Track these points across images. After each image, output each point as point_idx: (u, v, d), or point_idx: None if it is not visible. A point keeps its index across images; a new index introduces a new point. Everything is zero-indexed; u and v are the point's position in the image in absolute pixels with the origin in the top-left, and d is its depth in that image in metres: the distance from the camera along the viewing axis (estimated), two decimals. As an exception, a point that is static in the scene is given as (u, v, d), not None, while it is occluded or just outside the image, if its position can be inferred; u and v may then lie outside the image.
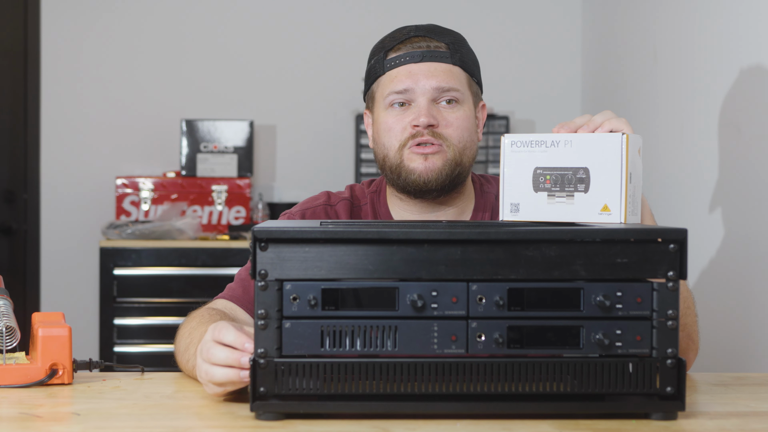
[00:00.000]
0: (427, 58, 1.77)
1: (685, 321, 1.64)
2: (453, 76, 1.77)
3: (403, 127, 1.76)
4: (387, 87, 1.78)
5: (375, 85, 1.82)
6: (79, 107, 4.23)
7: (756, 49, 2.48)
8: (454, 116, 1.77)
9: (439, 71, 1.76)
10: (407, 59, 1.77)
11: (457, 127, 1.76)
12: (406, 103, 1.77)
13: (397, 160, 1.77)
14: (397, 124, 1.77)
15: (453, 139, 1.76)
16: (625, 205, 1.46)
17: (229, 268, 3.69)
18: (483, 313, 1.30)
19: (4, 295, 1.59)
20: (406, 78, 1.76)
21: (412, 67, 1.77)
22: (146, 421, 1.31)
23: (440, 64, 1.77)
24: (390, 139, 1.78)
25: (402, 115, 1.77)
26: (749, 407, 1.40)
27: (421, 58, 1.77)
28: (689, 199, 2.92)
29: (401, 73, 1.77)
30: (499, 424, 1.28)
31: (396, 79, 1.77)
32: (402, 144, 1.76)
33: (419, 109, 1.75)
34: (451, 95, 1.76)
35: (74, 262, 4.22)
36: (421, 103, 1.76)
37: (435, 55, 1.77)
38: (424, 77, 1.76)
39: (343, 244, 1.29)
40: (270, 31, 4.29)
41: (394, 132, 1.77)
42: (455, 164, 1.76)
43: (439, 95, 1.76)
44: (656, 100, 3.26)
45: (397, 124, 1.77)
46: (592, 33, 4.14)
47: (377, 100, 1.81)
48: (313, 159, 4.31)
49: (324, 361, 1.29)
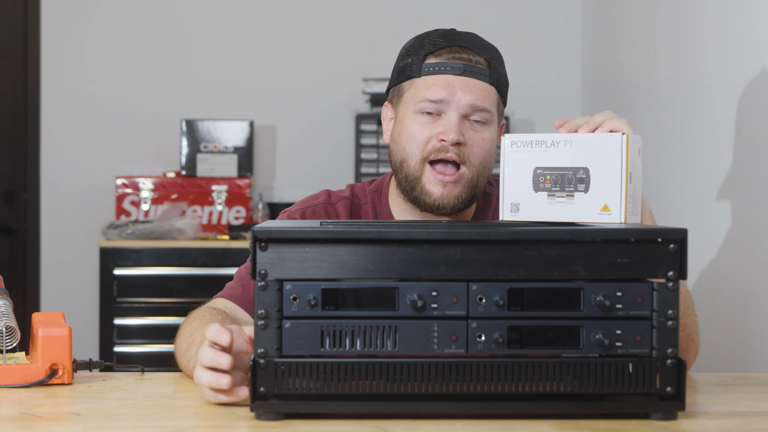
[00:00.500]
0: (468, 72, 1.73)
1: (685, 321, 1.64)
2: (488, 95, 1.74)
3: (428, 138, 1.73)
4: (421, 92, 1.74)
5: (407, 84, 1.77)
6: (79, 107, 4.23)
7: (756, 49, 2.48)
8: (481, 137, 1.74)
9: (476, 88, 1.73)
10: (447, 69, 1.73)
11: (482, 149, 1.74)
12: (436, 113, 1.74)
13: (416, 173, 1.74)
14: (422, 134, 1.74)
15: (476, 160, 1.74)
16: (625, 205, 1.46)
17: (229, 268, 3.69)
18: (483, 313, 1.29)
19: (4, 295, 1.59)
20: (444, 88, 1.72)
21: (451, 79, 1.73)
22: (146, 421, 1.31)
23: (478, 81, 1.74)
24: (412, 148, 1.75)
25: (430, 125, 1.74)
26: (749, 407, 1.40)
27: (461, 71, 1.73)
28: (689, 199, 2.92)
29: (439, 82, 1.73)
30: (499, 424, 1.28)
31: (433, 86, 1.73)
32: (424, 157, 1.74)
33: (450, 124, 1.72)
34: (483, 116, 1.74)
35: (74, 262, 4.22)
36: (453, 117, 1.72)
37: (475, 71, 1.74)
38: (462, 92, 1.72)
39: (343, 244, 1.29)
40: (270, 31, 4.29)
41: (417, 141, 1.74)
42: (472, 187, 1.74)
43: (471, 112, 1.73)
44: (656, 100, 3.26)
45: (422, 133, 1.74)
46: (592, 33, 4.14)
47: (406, 101, 1.77)
48: (313, 159, 4.31)
49: (324, 361, 1.29)
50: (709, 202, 2.75)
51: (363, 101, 4.22)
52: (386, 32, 4.25)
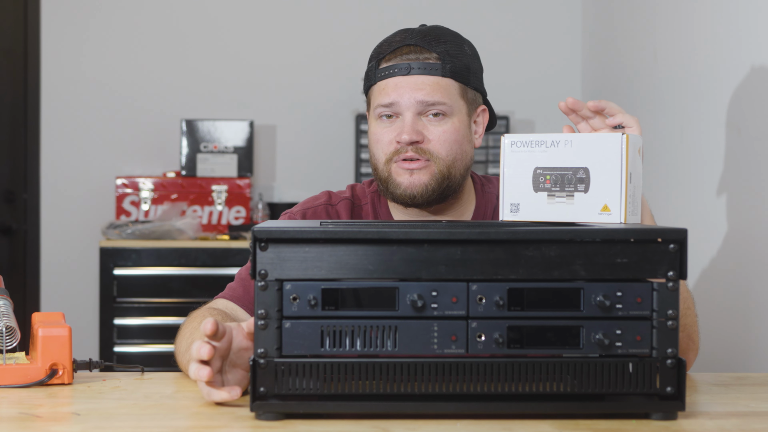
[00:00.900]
0: (415, 70, 1.75)
1: (685, 321, 1.64)
2: (440, 88, 1.75)
3: (389, 140, 1.77)
4: (377, 98, 1.78)
5: (369, 92, 1.82)
6: (79, 107, 4.24)
7: (756, 48, 2.48)
8: (441, 130, 1.75)
9: (425, 84, 1.75)
10: (395, 71, 1.76)
11: (444, 141, 1.75)
12: (394, 115, 1.77)
13: (385, 173, 1.77)
14: (384, 137, 1.77)
15: (440, 153, 1.75)
16: (625, 205, 1.46)
17: (229, 268, 3.69)
18: (483, 313, 1.30)
19: (4, 295, 1.59)
20: (393, 91, 1.75)
21: (399, 80, 1.75)
22: (146, 421, 1.31)
23: (427, 77, 1.75)
24: (377, 151, 1.78)
25: (389, 128, 1.77)
26: (749, 407, 1.40)
27: (408, 71, 1.75)
28: (689, 199, 2.92)
29: (389, 85, 1.76)
30: (499, 424, 1.28)
31: (383, 91, 1.77)
32: (388, 158, 1.77)
33: (403, 124, 1.75)
34: (438, 108, 1.75)
35: (74, 262, 4.22)
36: (407, 118, 1.75)
37: (423, 67, 1.75)
38: (410, 91, 1.74)
39: (343, 244, 1.29)
40: (270, 31, 4.29)
41: (381, 144, 1.78)
42: (443, 178, 1.75)
43: (425, 108, 1.75)
44: (656, 100, 3.26)
45: (384, 136, 1.77)
46: (592, 33, 4.14)
47: (370, 108, 1.82)
48: (313, 159, 4.31)
49: (324, 361, 1.29)
50: (709, 202, 2.75)
51: (363, 101, 4.22)
52: (386, 32, 4.23)
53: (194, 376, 1.35)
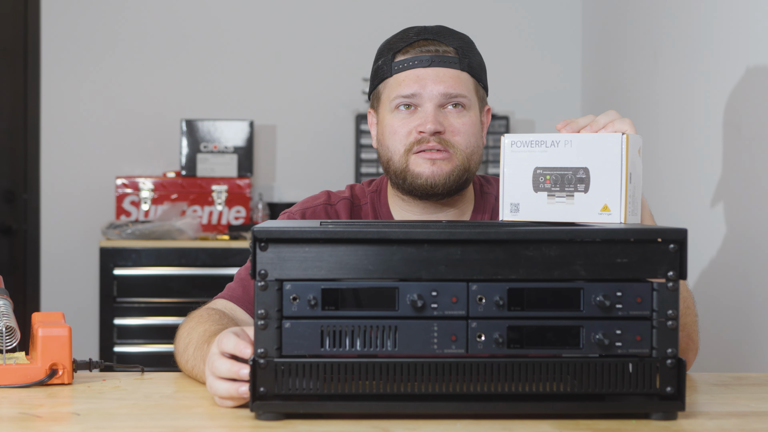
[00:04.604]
0: (436, 63, 1.76)
1: (685, 321, 1.64)
2: (461, 81, 1.76)
3: (408, 131, 1.76)
4: (394, 90, 1.77)
5: (382, 86, 1.81)
6: (79, 107, 4.24)
7: (756, 48, 2.48)
8: (461, 122, 1.76)
9: (447, 77, 1.76)
10: (415, 63, 1.76)
11: (464, 133, 1.76)
12: (413, 106, 1.77)
13: (402, 165, 1.76)
14: (402, 128, 1.77)
15: (460, 145, 1.76)
16: (625, 205, 1.46)
17: (229, 268, 3.69)
18: (483, 313, 1.29)
19: (4, 295, 1.59)
20: (414, 82, 1.75)
21: (420, 72, 1.76)
22: (146, 421, 1.31)
23: (448, 69, 1.76)
24: (395, 143, 1.77)
25: (408, 119, 1.76)
26: (749, 407, 1.40)
27: (429, 62, 1.76)
28: (689, 199, 2.92)
29: (409, 77, 1.76)
30: (499, 424, 1.28)
31: (404, 83, 1.76)
32: (407, 149, 1.76)
33: (426, 114, 1.75)
34: (458, 101, 1.76)
35: (74, 262, 4.22)
36: (428, 108, 1.75)
37: (443, 60, 1.76)
38: (432, 82, 1.75)
39: (343, 244, 1.29)
40: (270, 31, 4.29)
41: (398, 135, 1.77)
42: (463, 170, 1.76)
43: (446, 101, 1.76)
44: (656, 100, 3.26)
45: (402, 127, 1.77)
46: (592, 33, 4.14)
47: (383, 102, 1.81)
48: (313, 159, 4.31)
49: (324, 361, 1.29)
50: (709, 202, 2.75)
51: (363, 101, 4.22)
52: (386, 33, 4.23)
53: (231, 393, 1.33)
